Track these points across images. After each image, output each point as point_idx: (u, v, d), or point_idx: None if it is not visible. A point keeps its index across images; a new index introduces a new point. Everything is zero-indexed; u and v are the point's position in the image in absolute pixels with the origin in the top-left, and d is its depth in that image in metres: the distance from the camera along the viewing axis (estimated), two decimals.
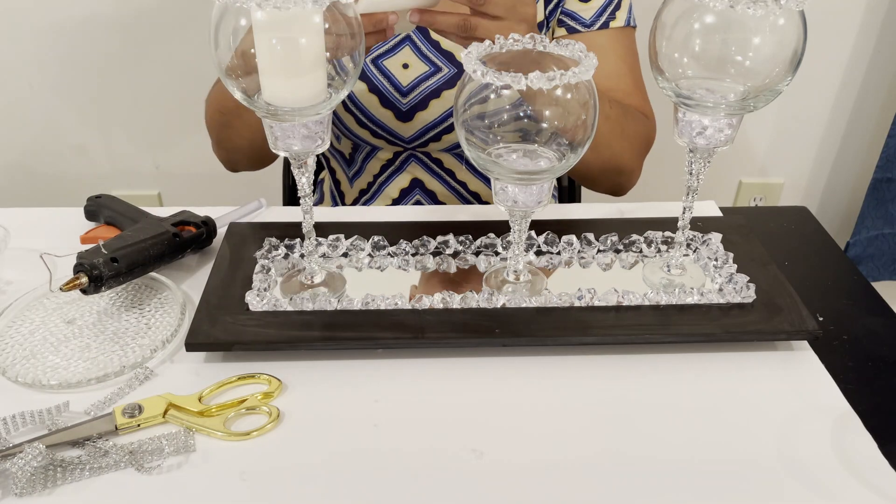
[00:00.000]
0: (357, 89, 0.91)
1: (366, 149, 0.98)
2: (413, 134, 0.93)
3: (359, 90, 0.91)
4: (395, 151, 0.97)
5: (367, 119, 0.92)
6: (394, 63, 0.91)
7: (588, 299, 0.66)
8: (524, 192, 0.62)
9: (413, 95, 0.91)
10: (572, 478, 0.54)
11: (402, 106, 0.91)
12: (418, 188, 0.99)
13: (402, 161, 0.97)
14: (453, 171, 0.98)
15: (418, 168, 0.97)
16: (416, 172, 0.98)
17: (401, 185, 0.99)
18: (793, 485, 0.53)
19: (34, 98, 1.66)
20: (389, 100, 0.91)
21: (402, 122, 0.92)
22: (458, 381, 0.62)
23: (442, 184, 0.98)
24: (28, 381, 0.60)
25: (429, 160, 0.97)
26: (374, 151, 0.97)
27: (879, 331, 0.70)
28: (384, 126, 0.92)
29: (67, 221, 0.82)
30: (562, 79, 0.55)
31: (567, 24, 0.92)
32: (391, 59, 0.91)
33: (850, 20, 1.65)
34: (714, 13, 0.57)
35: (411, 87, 0.91)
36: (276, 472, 0.54)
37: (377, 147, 0.96)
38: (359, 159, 0.99)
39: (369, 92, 0.91)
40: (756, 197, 1.88)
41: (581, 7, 0.91)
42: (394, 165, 0.98)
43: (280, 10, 0.53)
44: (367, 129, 0.93)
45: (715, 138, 0.63)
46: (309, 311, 0.65)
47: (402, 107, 0.91)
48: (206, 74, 1.63)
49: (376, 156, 0.98)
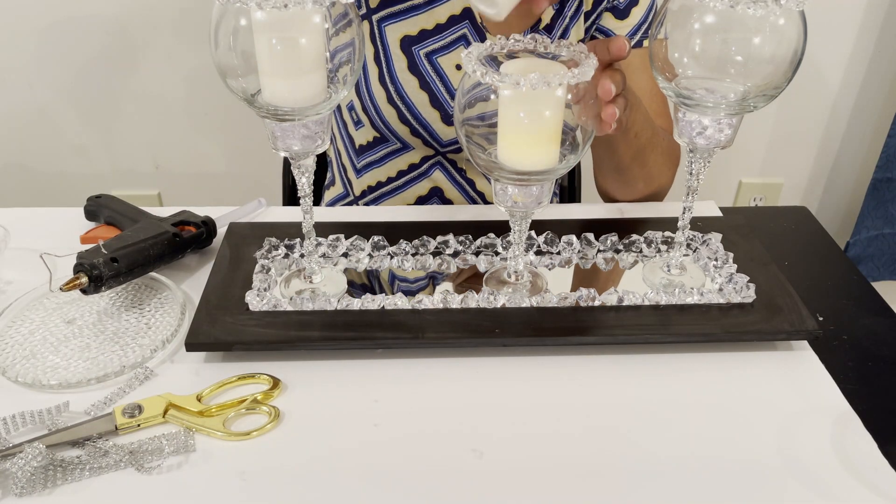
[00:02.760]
0: (407, 84, 0.88)
1: (393, 145, 0.94)
2: (452, 138, 0.91)
3: (409, 85, 0.88)
4: (423, 156, 0.94)
5: (411, 116, 0.89)
6: (447, 62, 0.88)
7: (588, 299, 0.66)
8: (524, 192, 0.62)
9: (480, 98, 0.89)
10: (572, 477, 0.54)
11: (451, 108, 0.88)
12: (437, 196, 0.97)
13: (429, 167, 0.95)
14: (474, 180, 0.96)
15: (441, 176, 0.95)
16: (438, 180, 0.96)
17: (419, 192, 0.96)
18: (793, 484, 0.53)
19: (34, 98, 1.66)
20: (439, 100, 0.88)
21: (447, 125, 0.90)
22: (458, 381, 0.62)
23: (461, 192, 0.97)
24: (28, 381, 0.60)
25: (453, 168, 0.95)
26: (403, 151, 0.94)
27: (879, 331, 0.70)
28: (427, 126, 0.90)
29: (67, 221, 0.82)
30: (562, 79, 0.55)
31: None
32: (445, 56, 0.88)
33: (850, 20, 1.65)
34: (714, 13, 0.57)
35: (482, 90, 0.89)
36: (276, 472, 0.54)
37: (408, 146, 0.93)
38: (380, 153, 0.96)
39: (420, 89, 0.88)
40: (756, 197, 1.88)
41: (616, 25, 0.90)
42: (419, 170, 0.95)
43: (280, 10, 0.53)
44: (409, 125, 0.90)
45: (715, 138, 0.63)
46: (309, 311, 0.65)
47: (450, 109, 0.88)
48: (205, 74, 1.64)
49: (403, 156, 0.95)
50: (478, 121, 0.61)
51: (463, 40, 0.88)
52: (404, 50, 0.87)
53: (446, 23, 0.87)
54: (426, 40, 0.87)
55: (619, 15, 0.91)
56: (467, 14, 0.87)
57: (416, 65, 0.87)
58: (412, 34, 0.87)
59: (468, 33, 0.88)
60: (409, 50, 0.87)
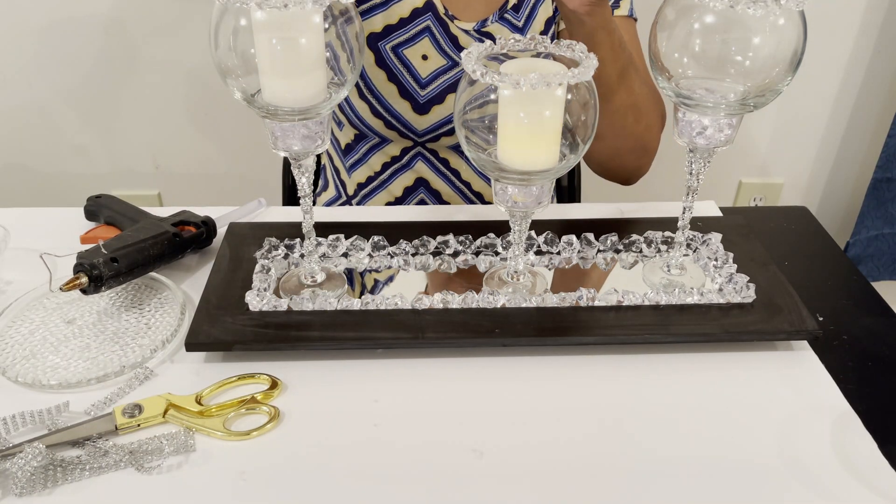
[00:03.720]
0: (375, 78, 0.90)
1: (372, 140, 0.96)
2: (427, 127, 0.92)
3: (377, 79, 0.90)
4: (402, 147, 0.96)
5: (382, 109, 0.91)
6: (413, 53, 0.90)
7: (588, 299, 0.66)
8: (524, 192, 0.62)
9: (431, 88, 0.90)
10: (572, 477, 0.54)
11: (420, 98, 0.90)
12: (423, 187, 0.98)
13: (410, 159, 0.97)
14: (458, 170, 0.98)
15: (424, 167, 0.97)
16: (421, 171, 0.97)
17: (405, 183, 0.98)
18: (793, 484, 0.53)
19: (34, 98, 1.66)
20: (408, 90, 0.90)
21: (419, 114, 0.91)
22: (458, 381, 0.62)
23: (447, 183, 0.98)
24: (28, 381, 0.60)
25: (435, 159, 0.97)
26: (382, 144, 0.96)
27: (879, 331, 0.70)
28: (400, 117, 0.91)
29: (67, 221, 0.82)
30: (562, 79, 0.55)
31: None
32: (411, 48, 0.90)
33: (850, 20, 1.65)
34: (714, 13, 0.57)
35: (430, 79, 0.90)
36: (276, 471, 0.54)
37: (386, 139, 0.95)
38: (361, 150, 0.98)
39: (388, 81, 0.90)
40: (756, 197, 1.88)
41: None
42: (400, 162, 0.97)
43: (280, 10, 0.53)
44: (382, 118, 0.92)
45: (715, 138, 0.63)
46: (309, 311, 0.65)
47: (420, 98, 0.91)
48: (205, 74, 1.64)
49: (383, 149, 0.97)
50: (478, 121, 0.61)
51: (427, 32, 0.90)
52: (370, 46, 0.89)
53: (409, 16, 0.88)
54: (390, 35, 0.89)
55: None
56: (430, 6, 0.88)
57: (383, 59, 0.89)
58: (377, 31, 0.89)
59: (431, 25, 0.89)
60: (374, 46, 0.89)
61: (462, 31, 0.90)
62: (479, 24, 0.90)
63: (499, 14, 0.90)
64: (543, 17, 0.92)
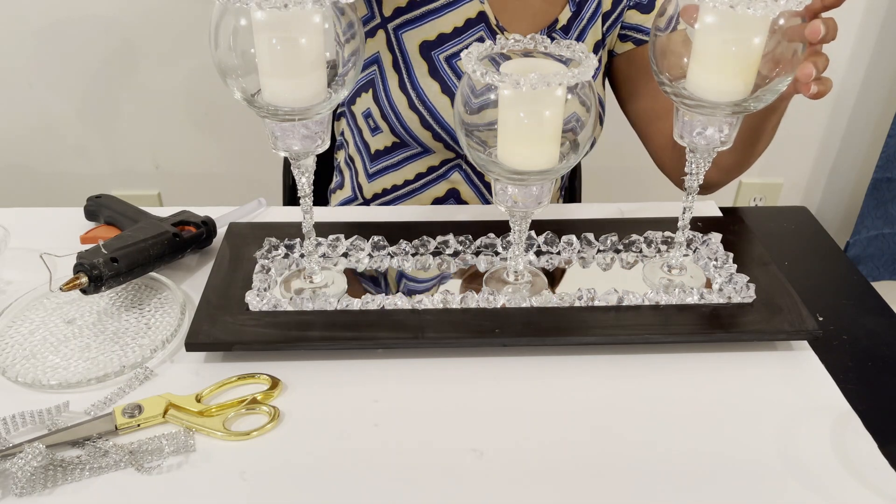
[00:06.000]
0: (428, 89, 0.87)
1: (414, 149, 0.93)
2: None
3: (431, 90, 0.87)
4: (443, 159, 0.93)
5: (433, 121, 0.88)
6: None
7: (588, 299, 0.66)
8: (524, 192, 0.62)
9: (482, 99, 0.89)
10: (572, 477, 0.54)
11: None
12: (453, 198, 0.96)
13: (448, 169, 0.94)
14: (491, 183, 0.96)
15: (459, 177, 0.95)
16: (455, 182, 0.95)
17: (436, 193, 0.96)
18: (793, 484, 0.53)
19: (34, 98, 1.66)
20: None
21: None
22: (458, 381, 0.62)
23: (477, 194, 0.96)
24: (28, 381, 0.60)
25: (471, 171, 0.95)
26: (423, 154, 0.93)
27: (879, 331, 0.70)
28: (450, 130, 0.89)
29: (67, 221, 0.82)
30: (562, 79, 0.55)
31: (633, 37, 0.92)
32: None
33: (850, 20, 1.65)
34: (714, 13, 0.57)
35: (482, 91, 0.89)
36: (276, 471, 0.54)
37: (429, 150, 0.92)
38: (398, 157, 0.95)
39: (441, 93, 0.87)
40: (756, 197, 1.88)
41: (644, 18, 0.91)
42: (437, 172, 0.94)
43: (280, 10, 0.53)
44: (431, 130, 0.89)
45: (715, 138, 0.63)
46: (309, 311, 0.65)
47: None
48: (205, 74, 1.64)
49: (422, 160, 0.94)
50: (477, 121, 0.61)
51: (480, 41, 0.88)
52: (423, 55, 0.87)
53: (463, 25, 0.87)
54: (445, 44, 0.87)
55: (643, 10, 0.91)
56: (483, 16, 0.87)
57: (437, 69, 0.87)
58: (430, 39, 0.87)
59: (485, 35, 0.88)
60: (428, 55, 0.87)
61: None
62: None
63: (547, 31, 0.89)
64: (592, 40, 0.91)
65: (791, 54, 0.59)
